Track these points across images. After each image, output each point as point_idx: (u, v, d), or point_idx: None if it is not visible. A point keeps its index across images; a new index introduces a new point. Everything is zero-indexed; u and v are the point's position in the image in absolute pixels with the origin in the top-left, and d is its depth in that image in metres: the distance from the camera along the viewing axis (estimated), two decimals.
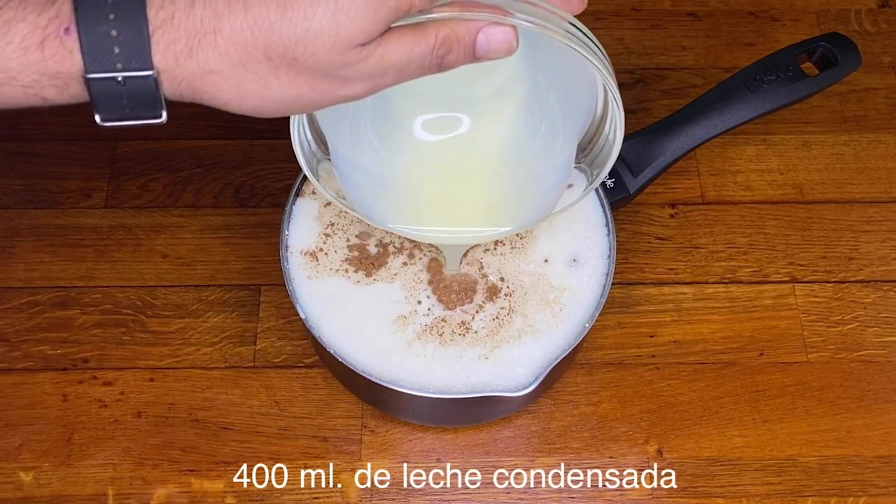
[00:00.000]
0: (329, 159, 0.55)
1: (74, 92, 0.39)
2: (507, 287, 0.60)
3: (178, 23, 0.38)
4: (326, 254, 0.61)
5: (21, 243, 0.70)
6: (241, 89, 0.40)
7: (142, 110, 0.40)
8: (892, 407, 0.65)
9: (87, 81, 0.38)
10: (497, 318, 0.59)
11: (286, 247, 0.61)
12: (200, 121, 0.75)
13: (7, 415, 0.63)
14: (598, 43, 0.46)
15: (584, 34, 0.45)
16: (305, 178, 0.63)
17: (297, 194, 0.62)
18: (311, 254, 0.61)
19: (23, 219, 0.71)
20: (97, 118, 0.40)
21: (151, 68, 0.38)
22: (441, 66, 0.41)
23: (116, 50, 0.38)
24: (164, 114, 0.40)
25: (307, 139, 0.53)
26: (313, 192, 0.63)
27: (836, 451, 0.64)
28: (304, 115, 0.53)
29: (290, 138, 0.52)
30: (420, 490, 0.62)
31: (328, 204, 0.62)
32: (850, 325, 0.68)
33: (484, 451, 0.63)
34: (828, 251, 0.71)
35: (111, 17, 0.37)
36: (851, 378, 0.66)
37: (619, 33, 0.81)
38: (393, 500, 0.62)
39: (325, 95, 0.41)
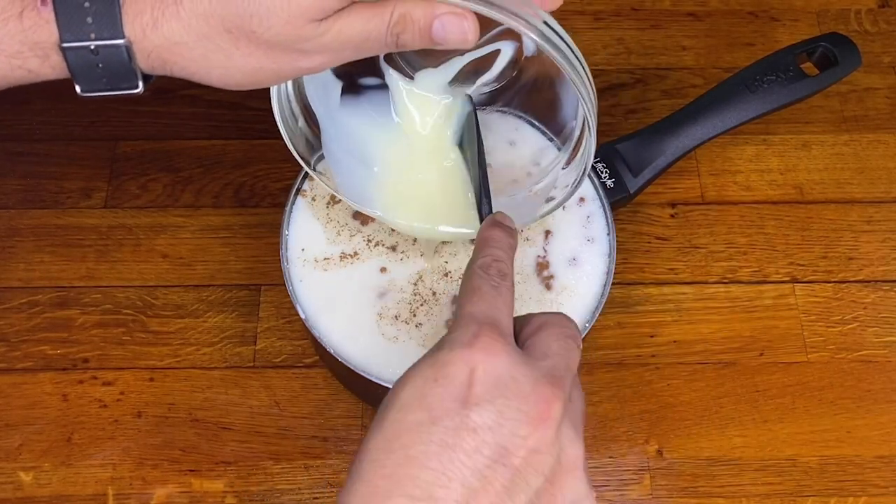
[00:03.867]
0: (318, 138, 0.57)
1: (55, 62, 0.41)
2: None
3: None
4: (327, 256, 0.61)
5: (21, 243, 0.70)
6: (206, 60, 0.41)
7: (118, 80, 0.42)
8: (892, 407, 0.65)
9: (63, 51, 0.40)
10: None
11: (286, 247, 0.61)
12: (200, 121, 0.75)
13: (7, 415, 0.63)
14: (570, 43, 0.45)
15: (557, 33, 0.44)
16: (305, 177, 0.63)
17: (297, 194, 0.62)
18: (311, 253, 0.61)
19: (23, 219, 0.71)
20: (77, 88, 0.42)
21: (123, 37, 0.40)
22: (398, 44, 0.42)
23: (89, 20, 0.39)
24: (141, 84, 0.42)
25: (294, 114, 0.55)
26: (312, 191, 0.63)
27: (836, 451, 0.64)
28: (291, 91, 0.54)
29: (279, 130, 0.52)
30: None
31: (329, 204, 0.62)
32: (850, 325, 0.68)
33: None
34: (828, 251, 0.71)
35: None
36: (851, 378, 0.66)
37: (619, 33, 0.81)
38: None
39: (286, 67, 0.42)
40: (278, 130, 0.54)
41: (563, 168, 0.58)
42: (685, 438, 0.64)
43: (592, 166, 0.64)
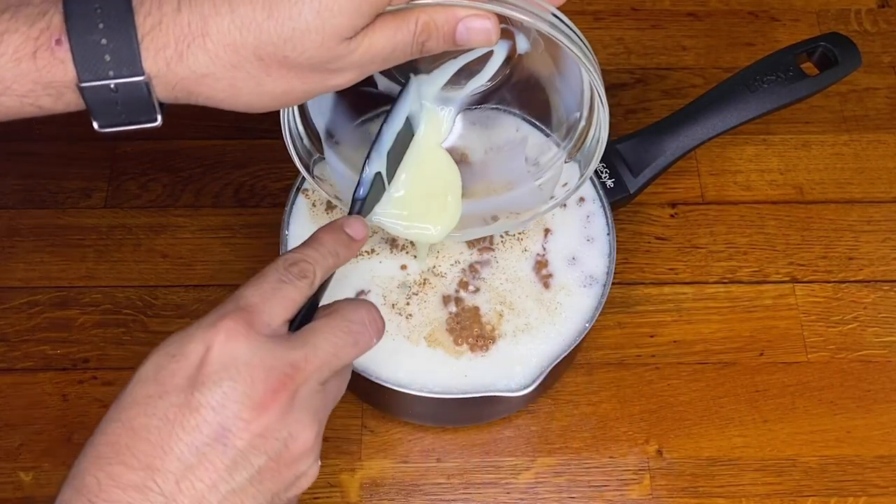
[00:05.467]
0: (323, 157, 0.57)
1: (69, 100, 0.40)
2: (507, 287, 0.60)
3: (165, 28, 0.38)
4: None
5: (21, 243, 0.70)
6: (234, 88, 0.41)
7: (137, 115, 0.40)
8: (892, 407, 0.65)
9: (81, 90, 0.39)
10: (497, 318, 0.59)
11: (286, 247, 0.61)
12: (200, 121, 0.75)
13: (7, 415, 0.63)
14: (582, 37, 0.46)
15: (569, 27, 0.46)
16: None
17: (297, 194, 0.62)
18: None
19: (23, 219, 0.71)
20: (95, 125, 0.41)
21: (142, 74, 0.39)
22: (423, 51, 0.43)
23: (107, 58, 0.38)
24: (160, 117, 0.41)
25: (298, 131, 0.55)
26: (314, 192, 0.63)
27: (836, 451, 0.64)
28: (296, 109, 0.54)
29: (283, 139, 0.52)
30: (420, 490, 0.62)
31: (327, 210, 0.62)
32: (850, 325, 0.68)
33: (484, 450, 0.63)
34: (828, 251, 0.71)
35: (100, 25, 0.38)
36: (851, 378, 0.66)
37: (619, 33, 0.81)
38: (393, 500, 0.61)
39: (316, 86, 0.42)
40: (278, 130, 0.54)
41: (567, 161, 0.58)
42: (685, 438, 0.64)
43: None
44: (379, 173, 0.52)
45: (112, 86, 0.39)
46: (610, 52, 0.80)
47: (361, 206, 0.51)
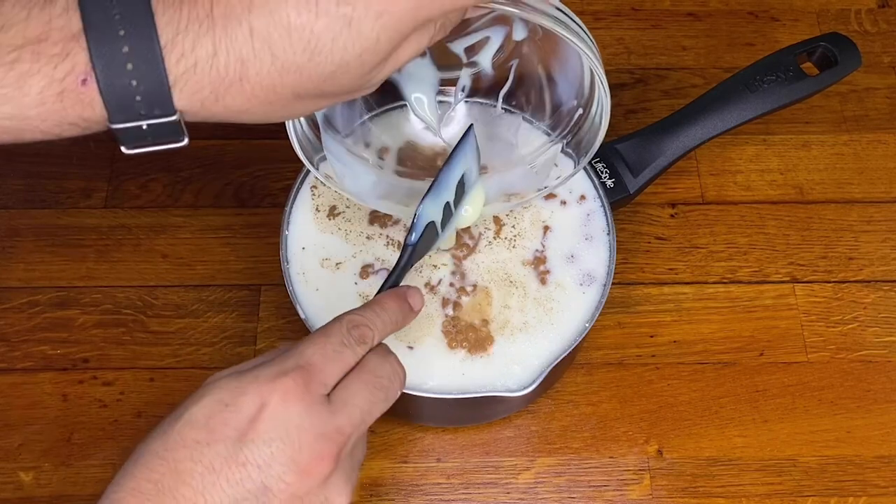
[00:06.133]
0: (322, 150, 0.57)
1: (96, 130, 0.39)
2: (507, 287, 0.60)
3: (201, 72, 0.37)
4: (326, 255, 0.61)
5: (21, 243, 0.70)
6: (266, 116, 0.41)
7: (165, 139, 0.40)
8: (892, 407, 0.65)
9: (113, 130, 0.38)
10: (497, 318, 0.59)
11: (286, 247, 0.61)
12: (201, 121, 0.75)
13: (7, 415, 0.63)
14: (584, 26, 0.47)
15: (571, 18, 0.46)
16: (305, 177, 0.63)
17: (298, 194, 0.62)
18: (311, 253, 0.61)
19: (23, 219, 0.71)
20: (122, 149, 0.40)
21: (175, 114, 0.38)
22: (442, 34, 0.43)
23: (139, 98, 0.37)
24: (187, 139, 0.40)
25: (301, 127, 0.55)
26: (314, 190, 0.63)
27: (836, 451, 0.64)
28: None
29: (289, 138, 0.52)
30: (420, 490, 0.62)
31: (329, 215, 0.62)
32: (850, 325, 0.68)
33: (484, 451, 0.63)
34: (828, 251, 0.71)
35: (129, 67, 0.36)
36: (851, 378, 0.66)
37: (619, 33, 0.81)
38: (393, 500, 0.62)
39: (341, 100, 0.42)
40: (278, 130, 0.54)
41: (565, 148, 0.59)
42: (685, 438, 0.64)
43: (592, 166, 0.64)
44: (432, 222, 0.52)
45: (144, 126, 0.38)
46: (610, 52, 0.80)
47: (412, 251, 0.51)
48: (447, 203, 0.53)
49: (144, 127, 0.38)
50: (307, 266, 0.60)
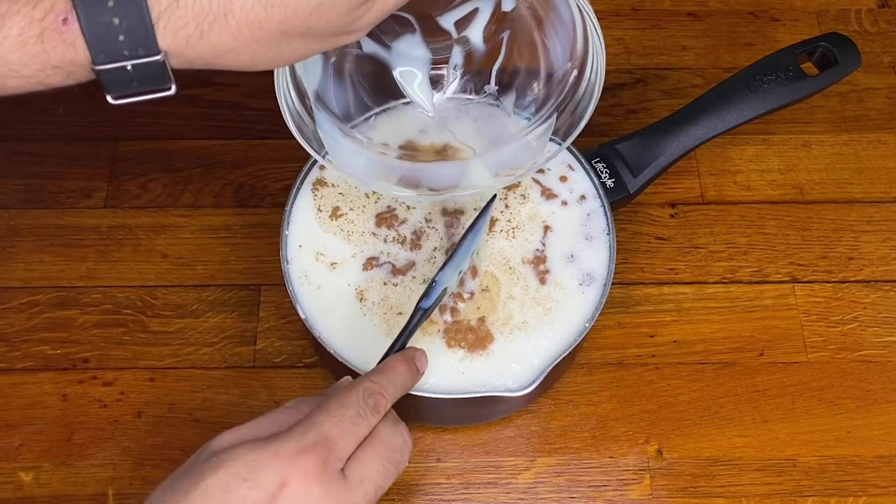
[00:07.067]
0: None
1: (79, 77, 0.39)
2: (507, 287, 0.60)
3: (184, 6, 0.37)
4: (326, 255, 0.61)
5: (21, 243, 0.70)
6: (254, 58, 0.40)
7: (151, 85, 0.39)
8: (892, 407, 0.65)
9: (97, 72, 0.38)
10: (497, 318, 0.59)
11: (286, 247, 0.61)
12: (200, 121, 0.75)
13: (7, 415, 0.63)
14: None
15: None
16: (305, 177, 0.63)
17: (298, 194, 0.62)
18: (311, 253, 0.61)
19: (23, 219, 0.71)
20: (108, 98, 0.40)
21: (159, 53, 0.38)
22: None
23: (121, 38, 0.37)
24: (174, 86, 0.40)
25: (292, 96, 0.54)
26: (315, 191, 0.63)
27: (836, 451, 0.64)
28: (290, 78, 0.53)
29: (289, 138, 0.52)
30: (420, 490, 0.62)
31: (331, 217, 0.62)
32: (850, 325, 0.68)
33: (484, 451, 0.63)
34: (828, 251, 0.71)
35: (110, 4, 0.36)
36: (851, 378, 0.66)
37: (619, 33, 0.81)
38: (393, 500, 0.61)
39: (330, 46, 0.42)
40: (278, 130, 0.54)
41: (559, 113, 0.58)
42: (685, 438, 0.64)
43: (592, 166, 0.64)
44: (446, 287, 0.54)
45: (129, 66, 0.38)
46: (610, 52, 0.80)
47: (423, 314, 0.53)
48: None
49: (129, 68, 0.38)
50: (307, 266, 0.60)
